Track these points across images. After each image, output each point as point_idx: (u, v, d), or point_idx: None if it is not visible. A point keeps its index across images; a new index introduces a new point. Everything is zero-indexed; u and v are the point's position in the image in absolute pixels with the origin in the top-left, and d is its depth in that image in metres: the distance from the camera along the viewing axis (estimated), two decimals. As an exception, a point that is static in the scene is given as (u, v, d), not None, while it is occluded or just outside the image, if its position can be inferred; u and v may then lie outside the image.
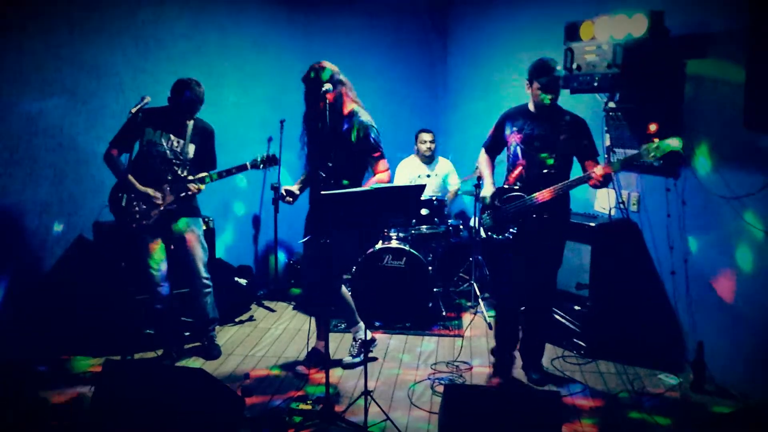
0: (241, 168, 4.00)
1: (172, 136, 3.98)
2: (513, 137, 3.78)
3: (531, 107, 3.74)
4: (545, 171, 3.66)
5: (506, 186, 3.82)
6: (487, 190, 3.88)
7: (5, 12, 4.08)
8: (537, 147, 3.68)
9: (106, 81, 4.64)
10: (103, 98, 4.63)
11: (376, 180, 3.80)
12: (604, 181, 3.51)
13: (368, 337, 4.23)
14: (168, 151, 3.96)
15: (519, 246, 3.76)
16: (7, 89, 4.14)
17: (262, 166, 4.02)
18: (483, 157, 4.03)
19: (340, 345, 4.47)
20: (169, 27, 4.99)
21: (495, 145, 3.98)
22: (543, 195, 3.60)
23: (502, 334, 3.99)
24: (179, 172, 3.96)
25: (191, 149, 4.03)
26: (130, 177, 3.87)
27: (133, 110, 3.65)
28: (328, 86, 3.58)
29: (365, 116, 3.83)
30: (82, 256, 4.50)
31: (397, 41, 6.28)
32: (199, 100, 3.96)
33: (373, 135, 3.80)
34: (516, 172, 3.78)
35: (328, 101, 3.53)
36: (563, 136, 3.64)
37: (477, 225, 5.26)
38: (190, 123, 4.03)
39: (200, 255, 4.15)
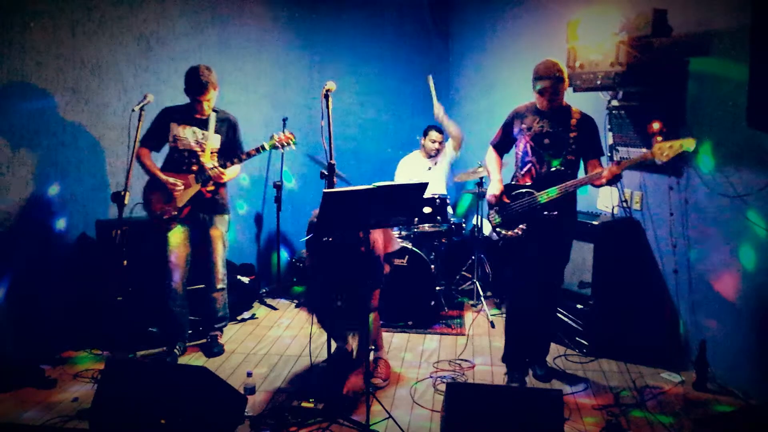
0: (259, 149, 4.05)
1: (196, 129, 4.06)
2: (522, 135, 3.78)
3: (539, 105, 3.74)
4: (554, 169, 3.66)
5: (515, 183, 3.82)
6: (494, 188, 3.85)
7: (7, 10, 4.09)
8: (546, 145, 3.69)
9: (108, 79, 4.64)
10: (105, 96, 4.63)
11: None
12: (613, 180, 3.53)
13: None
14: (194, 143, 4.04)
15: (528, 243, 3.75)
16: (9, 88, 4.14)
17: (281, 147, 4.04)
18: (491, 155, 4.00)
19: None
20: (171, 25, 4.99)
21: (503, 143, 3.95)
22: (551, 193, 3.61)
23: (515, 337, 3.89)
24: (205, 163, 4.03)
25: (216, 140, 4.10)
26: (158, 171, 4.04)
27: (136, 108, 3.67)
28: (330, 84, 3.57)
29: None
30: (84, 254, 4.50)
31: (399, 40, 6.28)
32: (210, 81, 3.97)
33: None
34: (525, 169, 3.78)
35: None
36: (573, 134, 3.64)
37: (480, 223, 5.25)
38: (213, 115, 4.10)
39: (221, 253, 4.23)
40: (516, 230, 3.76)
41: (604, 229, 4.22)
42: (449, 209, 5.22)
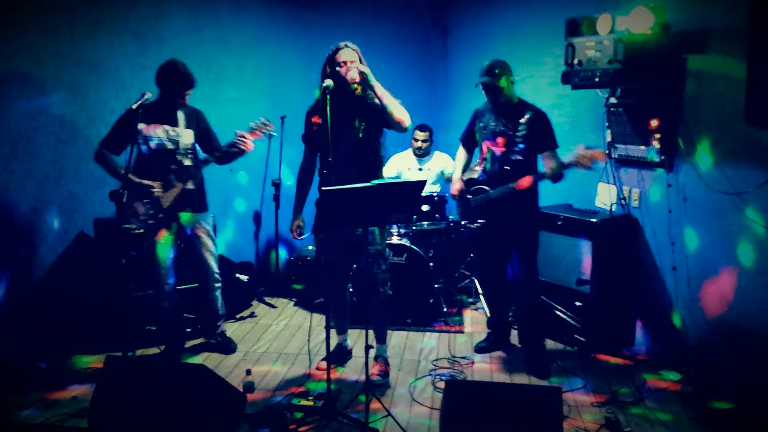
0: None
1: (166, 126, 3.93)
2: (480, 134, 4.02)
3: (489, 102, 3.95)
4: (507, 167, 3.86)
5: (476, 179, 4.11)
6: (454, 185, 4.20)
7: (5, 8, 4.08)
8: (498, 144, 3.90)
9: (106, 77, 4.64)
10: (102, 94, 4.63)
11: None
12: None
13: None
14: (167, 142, 3.93)
15: (487, 236, 4.05)
16: (7, 86, 4.14)
17: (261, 134, 4.00)
18: (459, 152, 4.31)
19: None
20: (169, 23, 4.98)
21: (468, 139, 4.22)
22: (500, 192, 3.88)
23: (491, 303, 4.42)
24: (182, 161, 3.95)
25: (189, 135, 3.99)
26: (130, 175, 3.75)
27: (134, 106, 3.63)
28: (329, 82, 3.60)
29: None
30: (82, 253, 4.50)
31: (397, 38, 6.27)
32: (190, 77, 3.88)
33: None
34: (482, 166, 4.05)
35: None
36: (522, 132, 3.82)
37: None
38: (181, 111, 3.97)
39: (211, 249, 4.15)
40: (476, 224, 4.06)
41: (602, 226, 4.22)
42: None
